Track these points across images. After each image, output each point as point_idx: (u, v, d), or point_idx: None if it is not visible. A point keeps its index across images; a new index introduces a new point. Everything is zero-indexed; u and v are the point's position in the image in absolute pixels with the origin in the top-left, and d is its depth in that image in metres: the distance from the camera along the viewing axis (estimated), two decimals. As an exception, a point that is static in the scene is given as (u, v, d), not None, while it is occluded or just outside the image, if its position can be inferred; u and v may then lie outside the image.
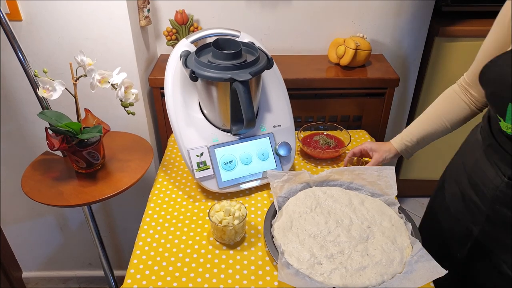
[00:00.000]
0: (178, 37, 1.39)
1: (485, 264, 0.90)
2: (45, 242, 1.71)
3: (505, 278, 0.86)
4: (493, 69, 0.75)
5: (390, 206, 0.96)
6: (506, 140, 0.78)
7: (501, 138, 0.80)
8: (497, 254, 0.87)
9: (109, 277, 1.41)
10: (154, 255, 0.88)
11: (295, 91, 1.32)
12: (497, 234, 0.85)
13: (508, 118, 0.72)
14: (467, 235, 0.92)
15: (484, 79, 0.77)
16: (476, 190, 0.88)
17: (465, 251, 0.94)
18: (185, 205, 1.02)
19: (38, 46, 1.22)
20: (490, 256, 0.88)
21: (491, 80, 0.75)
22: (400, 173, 1.98)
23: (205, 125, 1.04)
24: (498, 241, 0.86)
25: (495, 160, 0.82)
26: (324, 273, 0.79)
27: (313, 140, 1.22)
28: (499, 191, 0.81)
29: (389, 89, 1.38)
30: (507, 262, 0.85)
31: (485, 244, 0.89)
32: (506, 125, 0.74)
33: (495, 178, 0.81)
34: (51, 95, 0.96)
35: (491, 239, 0.87)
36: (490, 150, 0.84)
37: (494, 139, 0.82)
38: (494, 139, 0.82)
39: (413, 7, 1.45)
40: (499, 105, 0.74)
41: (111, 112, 1.31)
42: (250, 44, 1.02)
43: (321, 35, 1.48)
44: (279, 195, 0.97)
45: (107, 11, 1.17)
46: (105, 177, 1.08)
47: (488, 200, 0.84)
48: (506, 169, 0.79)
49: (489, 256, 0.88)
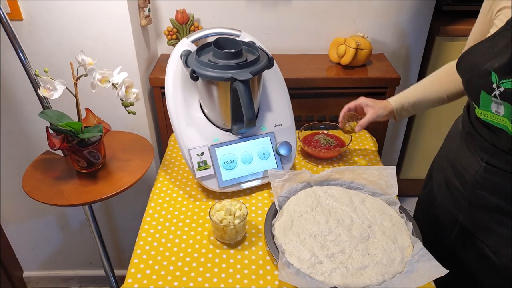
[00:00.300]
0: (178, 36, 1.39)
1: (471, 250, 0.93)
2: (46, 241, 1.71)
3: (489, 262, 0.89)
4: (468, 58, 0.78)
5: (391, 205, 0.96)
6: (482, 126, 0.82)
7: (478, 125, 0.84)
8: (480, 239, 0.89)
9: (110, 277, 1.41)
10: (155, 254, 0.89)
11: (295, 90, 1.32)
12: (479, 218, 0.88)
13: (482, 105, 0.76)
14: (453, 222, 0.95)
15: (460, 68, 0.81)
16: (458, 177, 0.91)
17: (452, 238, 0.97)
18: (185, 204, 1.02)
19: (39, 46, 1.22)
20: (475, 242, 0.91)
21: (466, 68, 0.78)
22: (400, 173, 1.98)
23: (206, 125, 1.04)
24: (481, 225, 0.89)
25: (473, 147, 0.86)
26: (325, 272, 0.79)
27: (313, 139, 1.22)
28: (478, 176, 0.84)
29: (390, 89, 1.38)
30: (489, 246, 0.88)
31: (469, 230, 0.92)
32: (480, 112, 0.78)
33: (475, 164, 0.85)
34: (52, 94, 0.96)
35: (475, 224, 0.90)
36: (469, 137, 0.87)
37: (472, 126, 0.86)
38: (472, 127, 0.86)
39: (414, 6, 1.45)
40: (473, 93, 0.77)
41: (111, 111, 1.31)
42: (250, 44, 1.02)
43: (321, 34, 1.48)
44: (280, 194, 0.97)
45: (107, 11, 1.17)
46: (105, 176, 1.08)
47: (469, 186, 0.87)
48: (483, 155, 0.83)
49: (474, 242, 0.91)
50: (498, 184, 0.81)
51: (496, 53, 0.72)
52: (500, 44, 0.72)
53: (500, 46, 0.71)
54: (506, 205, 0.82)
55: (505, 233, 0.84)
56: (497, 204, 0.83)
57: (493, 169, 0.81)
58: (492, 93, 0.72)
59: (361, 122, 1.06)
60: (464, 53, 0.80)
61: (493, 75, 0.71)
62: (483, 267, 0.91)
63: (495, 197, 0.83)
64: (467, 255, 0.94)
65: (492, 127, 0.78)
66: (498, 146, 0.79)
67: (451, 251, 0.98)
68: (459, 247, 0.96)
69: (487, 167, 0.82)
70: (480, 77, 0.73)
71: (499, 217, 0.84)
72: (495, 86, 0.71)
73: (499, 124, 0.75)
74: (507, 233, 0.84)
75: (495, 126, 0.76)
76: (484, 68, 0.72)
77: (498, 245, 0.86)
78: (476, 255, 0.91)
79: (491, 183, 0.83)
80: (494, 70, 0.71)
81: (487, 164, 0.82)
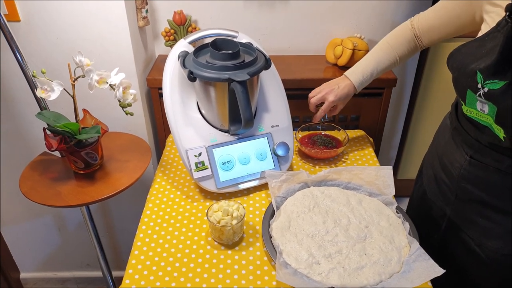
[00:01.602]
0: (176, 37, 1.39)
1: (458, 244, 0.95)
2: (43, 242, 1.71)
3: (474, 255, 0.91)
4: (457, 56, 0.80)
5: (388, 205, 0.96)
6: (467, 122, 0.85)
7: (463, 121, 0.87)
8: (466, 232, 0.92)
9: (107, 278, 1.40)
10: (152, 255, 0.89)
11: (293, 91, 1.32)
12: (465, 211, 0.91)
13: (468, 102, 0.79)
14: (441, 216, 0.98)
15: (450, 65, 0.83)
16: (446, 171, 0.94)
17: (440, 232, 0.99)
18: (183, 205, 1.02)
19: (36, 47, 1.22)
20: (461, 235, 0.93)
21: (455, 67, 0.80)
22: (397, 173, 1.99)
23: (203, 125, 1.04)
24: (466, 219, 0.91)
25: (459, 141, 0.89)
26: (322, 272, 0.79)
27: (311, 140, 1.23)
28: (463, 169, 0.88)
29: (387, 89, 1.39)
30: (474, 239, 0.90)
31: (456, 223, 0.94)
32: (467, 109, 0.80)
33: (460, 158, 0.88)
34: (49, 95, 0.96)
35: (461, 217, 0.93)
36: (455, 133, 0.90)
37: (458, 122, 0.90)
38: (458, 122, 0.89)
39: (411, 7, 1.45)
40: (461, 90, 0.80)
41: (109, 112, 1.31)
42: (248, 45, 1.02)
43: (318, 35, 1.48)
44: (277, 195, 0.97)
45: (105, 12, 1.17)
46: (103, 177, 1.08)
47: (455, 179, 0.90)
48: (468, 149, 0.86)
49: (461, 235, 0.94)
50: (482, 178, 0.84)
51: (483, 54, 0.73)
52: (489, 45, 0.73)
53: (489, 47, 0.72)
54: (490, 199, 0.85)
55: (488, 225, 0.87)
56: (481, 197, 0.86)
57: (477, 163, 0.84)
58: (477, 92, 0.73)
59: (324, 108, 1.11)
60: (454, 51, 0.81)
61: (478, 75, 0.72)
62: (470, 261, 0.93)
63: (479, 190, 0.86)
64: (455, 249, 0.96)
65: (477, 124, 0.81)
66: (482, 141, 0.82)
67: (441, 246, 1.00)
68: (447, 242, 0.98)
69: (472, 161, 0.85)
70: (466, 76, 0.75)
71: (483, 210, 0.87)
72: (480, 86, 0.72)
73: (483, 122, 0.77)
74: (490, 225, 0.86)
75: (480, 123, 0.79)
76: (470, 68, 0.74)
77: (482, 238, 0.89)
78: (463, 249, 0.94)
79: (475, 177, 0.86)
80: (479, 70, 0.72)
81: (471, 158, 0.85)
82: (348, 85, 1.08)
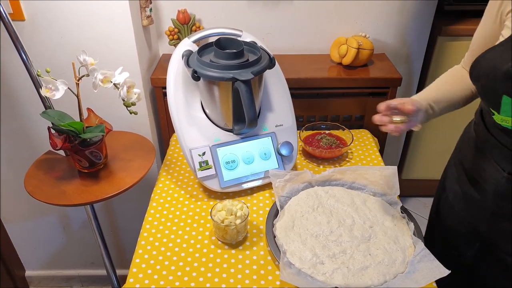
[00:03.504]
0: (180, 36, 1.39)
1: (491, 262, 0.89)
2: (48, 241, 1.72)
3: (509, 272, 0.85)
4: (483, 63, 0.74)
5: (392, 205, 0.96)
6: (502, 134, 0.77)
7: (497, 132, 0.78)
8: (501, 248, 0.86)
9: (111, 276, 1.41)
10: (156, 254, 0.89)
11: (297, 90, 1.32)
12: (501, 228, 0.84)
13: (503, 110, 0.71)
14: (475, 234, 0.91)
15: (474, 74, 0.76)
16: (477, 188, 0.87)
17: (474, 251, 0.92)
18: (187, 204, 1.02)
19: (41, 46, 1.22)
20: (496, 252, 0.88)
21: (482, 74, 0.74)
22: (402, 173, 1.98)
23: (207, 125, 1.04)
24: (503, 234, 0.85)
25: (493, 156, 0.81)
26: (326, 272, 0.79)
27: (315, 139, 1.22)
28: (500, 186, 0.80)
29: (392, 89, 1.38)
30: (509, 253, 0.84)
31: (491, 241, 0.88)
32: (501, 118, 0.73)
33: (495, 174, 0.80)
34: (54, 94, 0.96)
35: (497, 234, 0.86)
36: (487, 146, 0.82)
37: (490, 134, 0.80)
38: (490, 134, 0.80)
39: (416, 6, 1.44)
40: (492, 98, 0.73)
41: (113, 111, 1.31)
42: (252, 44, 1.02)
43: (323, 34, 1.48)
44: (281, 194, 0.97)
45: (109, 11, 1.17)
46: (107, 176, 1.09)
47: (491, 197, 0.83)
48: (505, 164, 0.77)
49: (495, 252, 0.88)
50: None
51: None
52: None
53: None
54: None
55: None
56: None
57: None
58: None
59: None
60: (477, 59, 0.75)
61: None
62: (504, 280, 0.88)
63: None
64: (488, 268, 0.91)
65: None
66: None
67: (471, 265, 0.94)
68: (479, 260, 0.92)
69: (511, 177, 0.77)
70: (500, 80, 0.69)
71: None
72: None
73: None
74: None
75: None
76: (503, 70, 0.68)
77: None
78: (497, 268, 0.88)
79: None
80: None
81: (510, 175, 0.77)
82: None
